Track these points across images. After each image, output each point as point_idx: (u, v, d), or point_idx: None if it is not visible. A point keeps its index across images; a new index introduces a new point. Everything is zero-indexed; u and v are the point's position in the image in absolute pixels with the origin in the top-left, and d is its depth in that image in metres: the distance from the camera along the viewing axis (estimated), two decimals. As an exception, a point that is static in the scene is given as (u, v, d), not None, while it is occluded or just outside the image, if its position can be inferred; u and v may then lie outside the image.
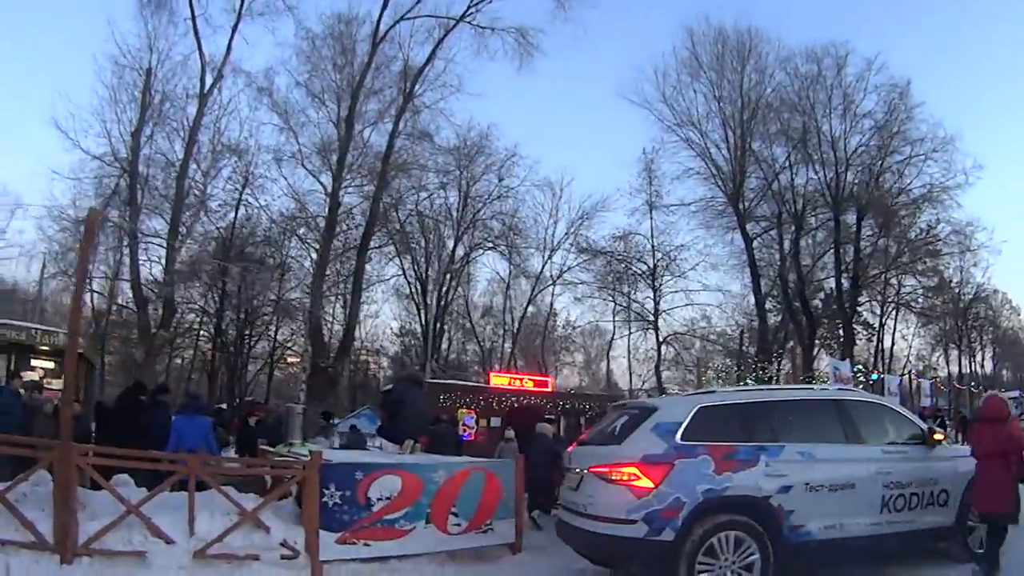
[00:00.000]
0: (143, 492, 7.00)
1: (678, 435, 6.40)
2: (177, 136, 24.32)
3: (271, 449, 10.08)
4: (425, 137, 28.90)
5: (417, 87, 27.42)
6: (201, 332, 34.05)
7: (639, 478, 6.21)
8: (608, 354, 42.16)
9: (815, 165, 33.77)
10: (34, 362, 15.68)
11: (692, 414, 6.58)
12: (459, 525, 7.71)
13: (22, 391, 10.36)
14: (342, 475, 7.23)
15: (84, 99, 39.38)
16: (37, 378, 14.28)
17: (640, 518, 6.09)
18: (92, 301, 29.35)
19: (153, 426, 9.43)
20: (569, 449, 7.83)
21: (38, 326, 17.22)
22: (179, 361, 36.95)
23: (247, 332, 33.87)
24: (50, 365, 15.70)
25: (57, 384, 14.40)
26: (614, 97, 70.51)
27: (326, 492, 7.07)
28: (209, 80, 24.27)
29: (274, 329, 34.17)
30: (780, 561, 6.25)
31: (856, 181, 33.83)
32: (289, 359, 36.30)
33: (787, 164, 34.12)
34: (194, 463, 7.09)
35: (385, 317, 42.07)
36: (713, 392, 7.88)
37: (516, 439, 12.43)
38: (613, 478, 6.34)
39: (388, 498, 7.30)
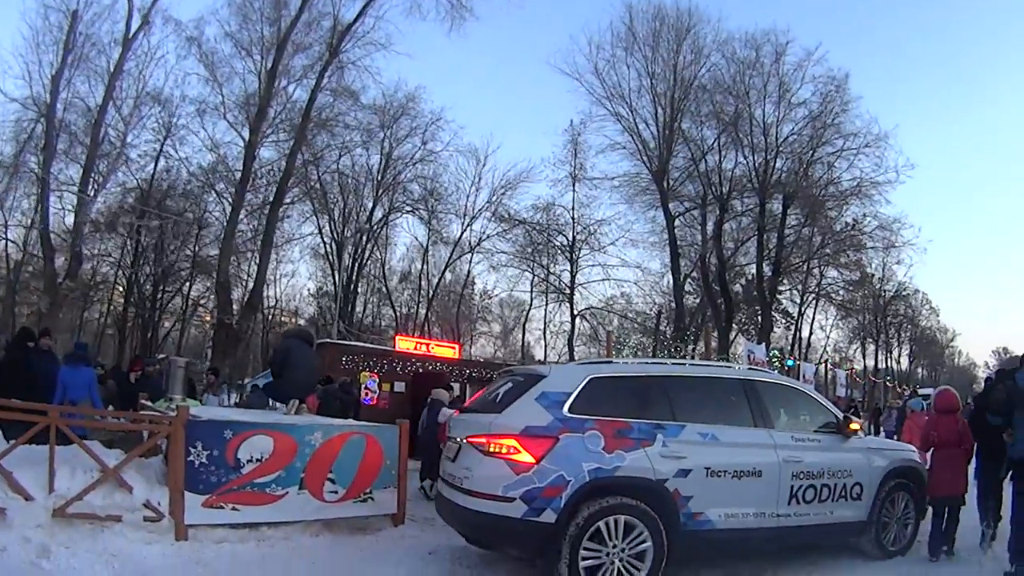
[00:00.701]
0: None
1: (565, 406, 5.94)
2: (99, 81, 23.87)
3: (150, 404, 9.68)
4: (350, 95, 28.73)
5: (345, 43, 27.23)
6: (116, 286, 33.71)
7: (518, 452, 5.73)
8: (524, 325, 42.27)
9: (744, 150, 34.03)
10: None
11: (583, 384, 6.10)
12: (336, 492, 7.39)
13: None
14: (210, 433, 6.87)
15: (5, 39, 38.23)
16: None
17: (518, 496, 5.61)
18: (5, 249, 29.14)
19: (39, 375, 9.15)
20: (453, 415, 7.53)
21: None
22: (95, 316, 36.62)
23: (162, 287, 33.66)
24: None
25: None
26: (544, 66, 69.65)
27: (192, 451, 6.74)
28: (135, 26, 23.94)
29: (188, 285, 33.89)
30: (675, 550, 5.87)
31: (785, 169, 34.08)
32: (205, 317, 35.96)
33: (716, 146, 34.36)
34: (54, 414, 6.73)
35: (301, 277, 42.91)
36: (610, 362, 7.20)
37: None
38: (491, 450, 5.86)
39: (259, 460, 6.97)
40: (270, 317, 35.92)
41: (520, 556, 6.33)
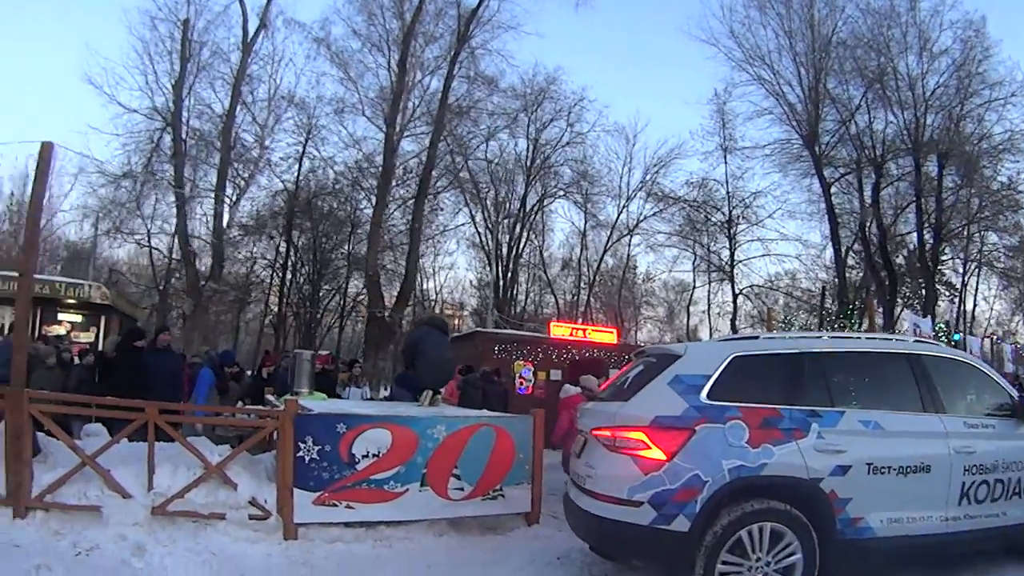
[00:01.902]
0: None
1: (703, 392, 4.98)
2: (223, 87, 24.37)
3: (272, 399, 9.34)
4: (486, 81, 28.45)
5: (472, 28, 27.14)
6: (272, 286, 33.81)
7: (647, 447, 4.83)
8: (688, 308, 40.03)
9: (893, 107, 31.07)
10: (60, 315, 15.53)
11: (724, 365, 5.12)
12: (462, 490, 6.71)
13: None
14: (321, 427, 6.34)
15: (114, 53, 39.31)
16: (64, 332, 14.25)
17: (646, 500, 4.73)
18: (150, 257, 29.42)
19: (154, 373, 8.77)
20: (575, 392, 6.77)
21: (63, 279, 17.13)
22: (251, 316, 36.87)
23: (320, 284, 33.44)
24: (77, 318, 15.55)
25: (85, 337, 14.23)
26: (679, 35, 66.96)
27: (302, 446, 6.23)
28: (252, 30, 24.32)
29: (345, 282, 33.45)
30: (828, 563, 4.87)
31: (936, 125, 30.98)
32: (363, 312, 35.40)
33: (864, 105, 31.49)
34: (151, 411, 6.27)
35: (460, 269, 41.74)
36: (755, 338, 6.03)
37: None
38: (616, 445, 4.98)
39: (376, 455, 6.40)
40: (436, 310, 35.20)
41: (647, 570, 5.48)
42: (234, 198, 25.16)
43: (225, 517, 6.04)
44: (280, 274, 33.05)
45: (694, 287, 38.75)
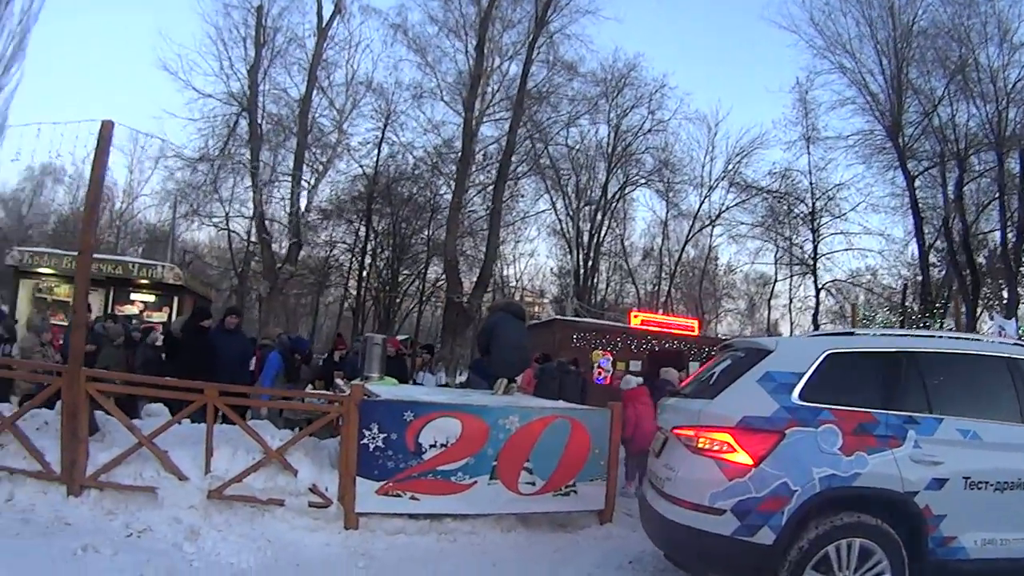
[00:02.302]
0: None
1: (795, 391, 4.51)
2: (299, 72, 24.43)
3: (341, 384, 8.99)
4: (566, 67, 27.88)
5: (550, 13, 26.62)
6: (351, 270, 33.83)
7: (732, 450, 4.40)
8: (769, 302, 38.97)
9: (975, 100, 29.37)
10: (133, 295, 15.54)
11: (818, 362, 4.64)
12: (533, 484, 6.35)
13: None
14: (388, 414, 6.06)
15: (187, 39, 39.78)
16: (136, 311, 14.40)
17: (729, 508, 4.32)
18: (230, 241, 29.89)
19: (220, 355, 8.64)
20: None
21: (136, 259, 17.13)
22: (330, 300, 37.15)
23: (398, 269, 33.36)
24: (150, 298, 15.51)
25: (158, 317, 14.30)
26: (758, 21, 65.33)
27: (367, 433, 5.95)
28: (327, 15, 24.25)
29: (424, 268, 33.37)
30: None
31: (1019, 120, 29.18)
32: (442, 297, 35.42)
33: (946, 96, 30.00)
34: (211, 393, 6.01)
35: (541, 256, 41.93)
36: (851, 334, 5.44)
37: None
38: (699, 446, 4.55)
39: (444, 445, 6.10)
40: (516, 297, 34.67)
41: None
42: (312, 182, 25.27)
43: (284, 504, 5.80)
44: (359, 258, 32.99)
45: (775, 280, 37.76)
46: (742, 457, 4.35)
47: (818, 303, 33.84)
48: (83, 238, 6.35)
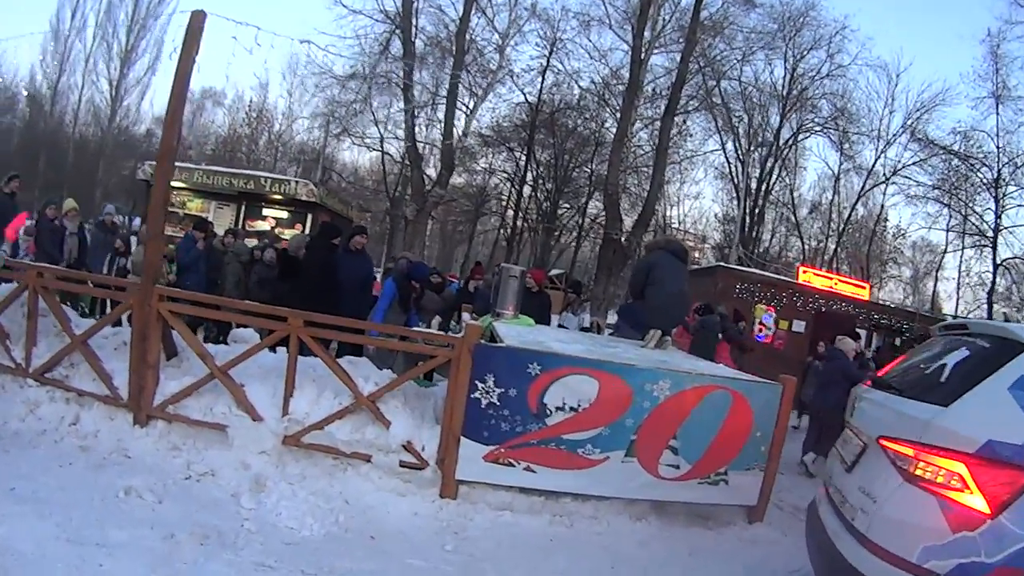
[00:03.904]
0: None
1: None
2: None
3: (468, 318, 8.11)
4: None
5: None
6: (510, 200, 33.57)
7: (965, 488, 2.95)
8: (937, 273, 36.05)
9: None
10: (266, 211, 15.27)
11: None
12: (676, 467, 5.11)
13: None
14: (509, 365, 4.93)
15: None
16: (268, 228, 14.10)
17: (945, 572, 2.89)
18: (383, 162, 29.85)
19: (344, 277, 7.85)
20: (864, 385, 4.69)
21: (268, 174, 16.99)
22: (487, 228, 37.11)
23: (558, 202, 32.87)
24: (283, 215, 15.19)
25: (290, 234, 13.82)
26: None
27: (480, 386, 4.88)
28: None
29: (585, 202, 32.68)
30: None
31: None
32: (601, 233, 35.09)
33: None
34: (295, 322, 5.08)
35: (706, 200, 41.11)
36: None
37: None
38: (918, 473, 3.11)
39: (574, 408, 4.92)
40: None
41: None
42: (471, 107, 24.50)
43: (370, 460, 4.91)
44: (518, 188, 32.57)
45: (945, 250, 34.51)
46: (977, 501, 2.90)
47: (995, 281, 30.38)
48: (164, 140, 5.47)
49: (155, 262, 5.33)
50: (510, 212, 33.33)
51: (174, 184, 14.68)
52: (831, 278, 19.19)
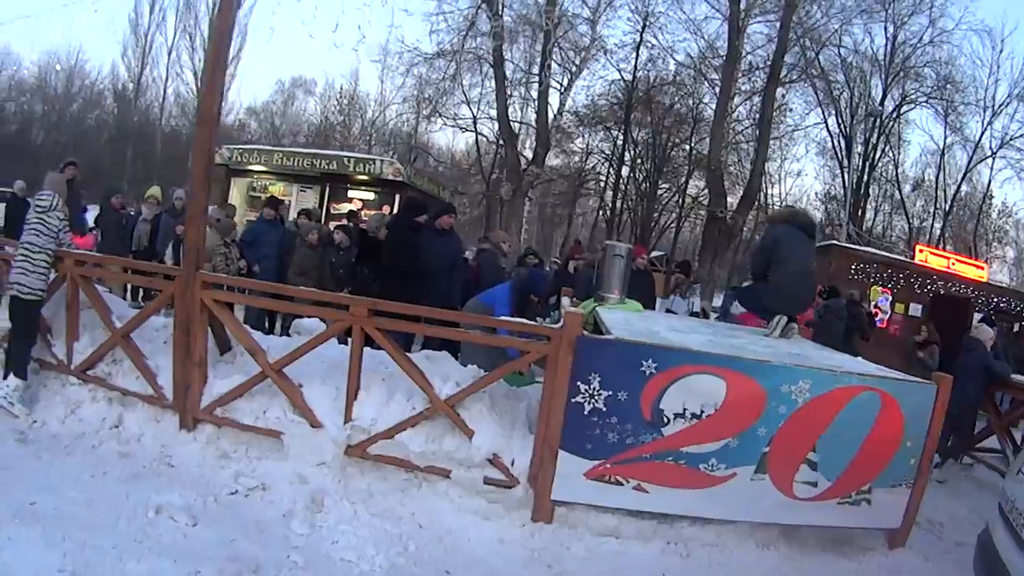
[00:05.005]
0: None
1: None
2: None
3: (568, 304, 7.09)
4: None
5: None
6: (608, 180, 33.13)
7: None
8: None
9: None
10: (351, 192, 14.77)
11: None
12: (814, 485, 4.27)
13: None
14: (618, 362, 4.12)
15: None
16: (355, 209, 13.44)
17: None
18: (477, 143, 29.58)
19: (430, 258, 7.16)
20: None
21: (352, 154, 16.23)
22: (586, 209, 36.85)
23: (658, 181, 32.36)
24: (369, 196, 14.62)
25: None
26: None
27: (583, 388, 4.07)
28: None
29: (685, 181, 32.01)
30: None
31: None
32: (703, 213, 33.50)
33: None
34: (359, 312, 4.37)
35: (808, 178, 39.94)
36: None
37: (938, 343, 8.86)
38: None
39: (697, 415, 4.11)
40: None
41: None
42: (564, 84, 24.24)
43: (449, 475, 4.23)
44: (616, 168, 32.09)
45: None
46: None
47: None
48: (204, 105, 4.82)
49: (196, 244, 4.69)
50: (608, 193, 32.91)
51: (254, 168, 14.53)
52: (948, 258, 18.22)
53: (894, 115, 30.99)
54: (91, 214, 10.37)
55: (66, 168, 9.04)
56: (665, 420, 4.05)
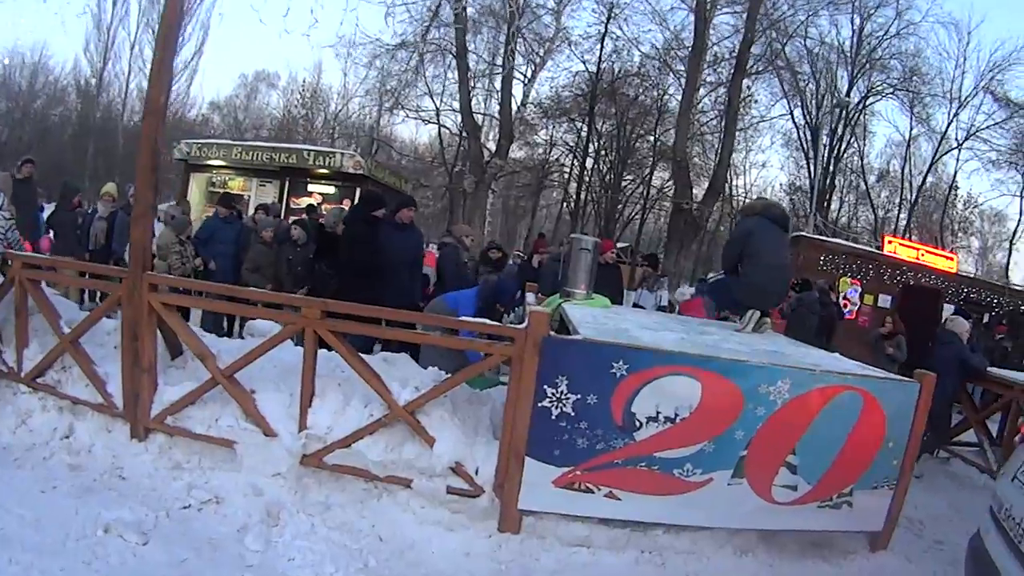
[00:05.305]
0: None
1: None
2: None
3: (532, 302, 6.91)
4: None
5: None
6: (572, 173, 33.24)
7: None
8: (1011, 243, 34.36)
9: None
10: (311, 187, 14.77)
11: None
12: (793, 489, 4.10)
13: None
14: (587, 363, 3.91)
15: None
16: (315, 203, 13.21)
17: None
18: (440, 135, 29.52)
19: (391, 254, 6.95)
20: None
21: (311, 147, 16.50)
22: (550, 201, 37.04)
23: (622, 173, 32.33)
24: (329, 190, 14.64)
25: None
26: None
27: (550, 392, 3.86)
28: None
29: (649, 173, 31.93)
30: None
31: None
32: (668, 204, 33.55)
33: None
34: (311, 313, 4.13)
35: (772, 168, 41.07)
36: None
37: (904, 333, 8.69)
38: None
39: (670, 419, 3.90)
40: (738, 208, 32.21)
41: None
42: (528, 75, 24.29)
43: (411, 485, 3.98)
44: (581, 160, 32.13)
45: (1020, 220, 33.22)
46: None
47: (1071, 255, 29.78)
48: (150, 95, 4.52)
49: (141, 244, 4.42)
50: (573, 185, 32.91)
51: (212, 163, 14.39)
52: (918, 249, 18.21)
53: (860, 106, 31.34)
54: (46, 213, 10.08)
55: (23, 166, 8.81)
56: (637, 424, 3.85)
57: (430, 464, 3.92)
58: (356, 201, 12.12)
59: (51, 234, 9.37)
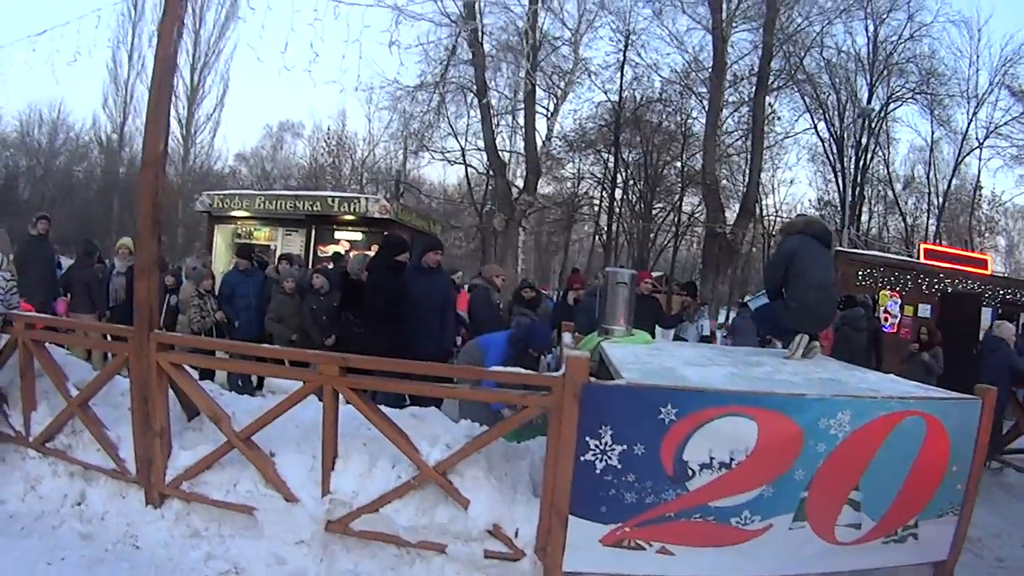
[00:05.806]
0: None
1: None
2: None
3: (568, 341, 6.29)
4: None
5: None
6: (602, 205, 33.13)
7: None
8: None
9: None
10: (338, 234, 14.65)
11: None
12: (857, 527, 3.79)
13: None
14: (632, 410, 3.56)
15: None
16: (341, 251, 13.17)
17: None
18: (467, 175, 29.73)
19: (417, 300, 6.69)
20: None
21: (336, 193, 16.19)
22: (580, 236, 36.98)
23: (652, 202, 32.39)
24: (356, 236, 14.48)
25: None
26: None
27: (592, 444, 3.52)
28: None
29: (679, 198, 31.99)
30: None
31: None
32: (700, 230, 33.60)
33: None
34: (328, 369, 3.88)
35: (801, 185, 42.01)
36: None
37: (941, 343, 8.40)
38: None
39: (726, 464, 3.56)
40: (771, 229, 31.64)
41: None
42: (551, 109, 25.36)
43: (445, 550, 3.71)
44: (610, 191, 32.13)
45: None
46: None
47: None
48: (147, 145, 4.34)
49: (146, 301, 4.21)
50: (603, 217, 32.80)
51: (236, 214, 14.27)
52: (955, 254, 17.96)
53: (882, 113, 31.13)
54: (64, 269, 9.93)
55: (39, 222, 8.71)
56: (690, 473, 3.54)
57: (465, 527, 3.65)
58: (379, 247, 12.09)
59: (67, 294, 9.14)
